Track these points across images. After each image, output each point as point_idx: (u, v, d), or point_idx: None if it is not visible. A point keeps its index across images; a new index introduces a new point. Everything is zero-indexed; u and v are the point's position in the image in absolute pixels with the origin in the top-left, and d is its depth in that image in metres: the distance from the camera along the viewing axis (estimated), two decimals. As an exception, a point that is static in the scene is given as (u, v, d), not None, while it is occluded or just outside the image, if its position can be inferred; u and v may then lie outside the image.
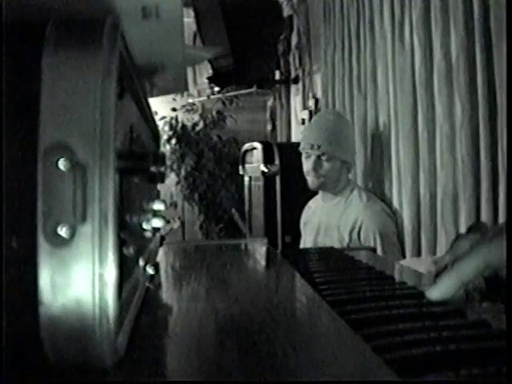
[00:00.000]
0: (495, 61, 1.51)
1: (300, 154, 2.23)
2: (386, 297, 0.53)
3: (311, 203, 2.36)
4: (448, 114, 1.74)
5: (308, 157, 2.16)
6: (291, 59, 3.76)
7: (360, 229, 2.02)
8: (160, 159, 0.47)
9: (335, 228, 2.10)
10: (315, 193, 2.33)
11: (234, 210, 2.68)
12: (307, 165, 2.16)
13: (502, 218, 1.53)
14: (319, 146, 2.11)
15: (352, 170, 2.24)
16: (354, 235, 2.03)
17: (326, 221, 2.16)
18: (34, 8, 0.33)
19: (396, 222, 2.07)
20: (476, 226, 0.52)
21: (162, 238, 0.77)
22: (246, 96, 4.12)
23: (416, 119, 1.94)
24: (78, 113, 0.30)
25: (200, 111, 4.39)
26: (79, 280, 0.30)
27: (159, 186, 0.72)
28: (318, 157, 2.12)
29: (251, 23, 3.51)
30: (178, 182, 4.31)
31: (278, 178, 2.77)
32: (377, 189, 2.27)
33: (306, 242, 2.28)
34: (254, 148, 2.99)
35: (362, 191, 2.16)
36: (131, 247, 0.40)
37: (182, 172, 4.27)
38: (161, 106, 4.14)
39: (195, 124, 4.35)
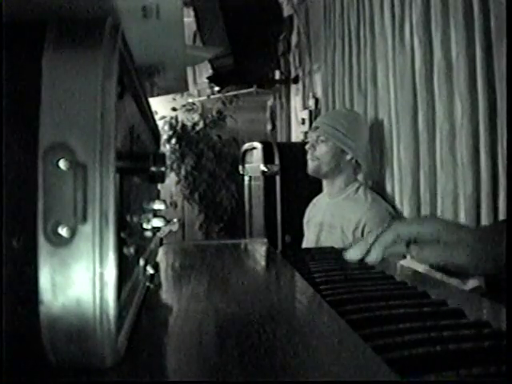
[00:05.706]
0: (495, 60, 1.51)
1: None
2: (386, 297, 0.53)
3: (316, 200, 2.35)
4: (448, 113, 1.74)
5: (310, 140, 2.22)
6: (291, 59, 3.76)
7: (364, 229, 2.02)
8: (160, 159, 0.47)
9: (339, 226, 2.10)
10: (316, 193, 2.32)
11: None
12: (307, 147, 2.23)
13: (502, 217, 1.53)
14: (317, 128, 2.19)
15: (360, 171, 2.23)
16: (358, 234, 2.03)
17: (330, 218, 2.15)
18: (34, 8, 0.33)
19: None
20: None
21: (162, 238, 0.77)
22: (245, 96, 4.12)
23: (416, 119, 1.94)
24: (78, 113, 0.30)
25: (200, 111, 4.39)
26: (79, 280, 0.30)
27: (159, 186, 0.72)
28: (316, 139, 2.17)
29: (251, 23, 3.51)
30: (178, 182, 4.31)
31: (277, 178, 2.77)
32: (377, 188, 2.27)
33: (308, 239, 2.28)
34: (254, 148, 2.99)
35: (367, 191, 2.16)
36: (131, 247, 0.40)
37: (182, 172, 4.28)
38: (161, 106, 4.14)
39: (195, 124, 4.35)
